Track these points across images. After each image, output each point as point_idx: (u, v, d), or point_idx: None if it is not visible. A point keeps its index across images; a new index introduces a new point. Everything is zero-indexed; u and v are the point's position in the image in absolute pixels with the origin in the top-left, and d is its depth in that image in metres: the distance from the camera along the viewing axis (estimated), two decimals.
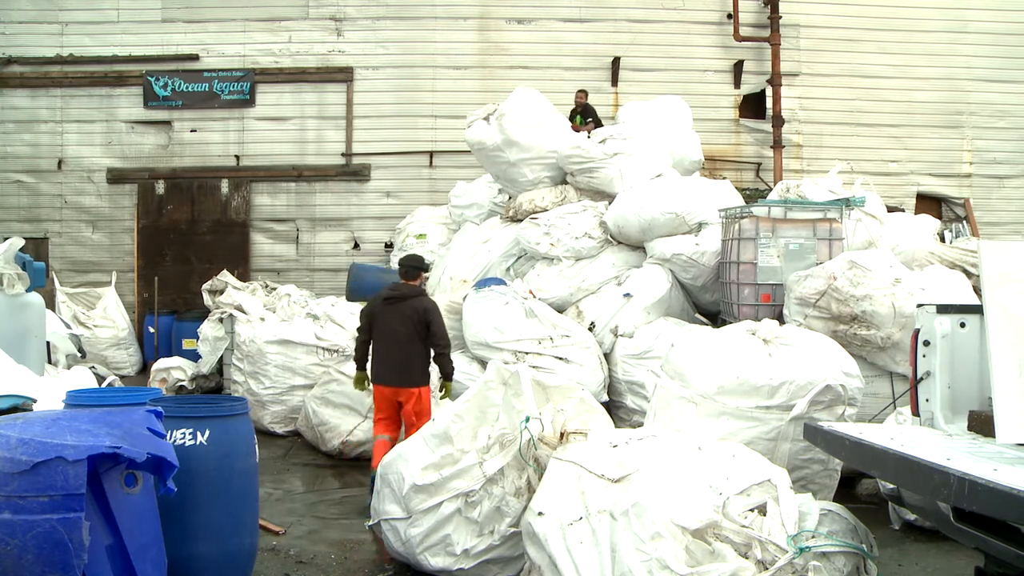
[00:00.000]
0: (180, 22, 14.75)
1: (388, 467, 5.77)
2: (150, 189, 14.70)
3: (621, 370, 9.30)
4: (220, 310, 11.11)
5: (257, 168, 14.57)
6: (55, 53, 14.84)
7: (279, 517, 6.87)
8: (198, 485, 4.77)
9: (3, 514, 3.73)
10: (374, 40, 14.64)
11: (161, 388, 10.18)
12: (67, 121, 14.85)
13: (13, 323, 7.55)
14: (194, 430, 4.87)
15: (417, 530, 5.38)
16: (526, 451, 5.21)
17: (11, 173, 14.85)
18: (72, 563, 3.74)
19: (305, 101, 14.66)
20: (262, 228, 14.56)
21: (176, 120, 14.81)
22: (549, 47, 14.58)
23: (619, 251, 10.43)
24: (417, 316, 7.39)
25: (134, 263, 14.61)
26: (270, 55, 14.66)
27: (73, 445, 3.76)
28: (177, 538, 4.60)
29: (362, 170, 14.45)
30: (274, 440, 9.49)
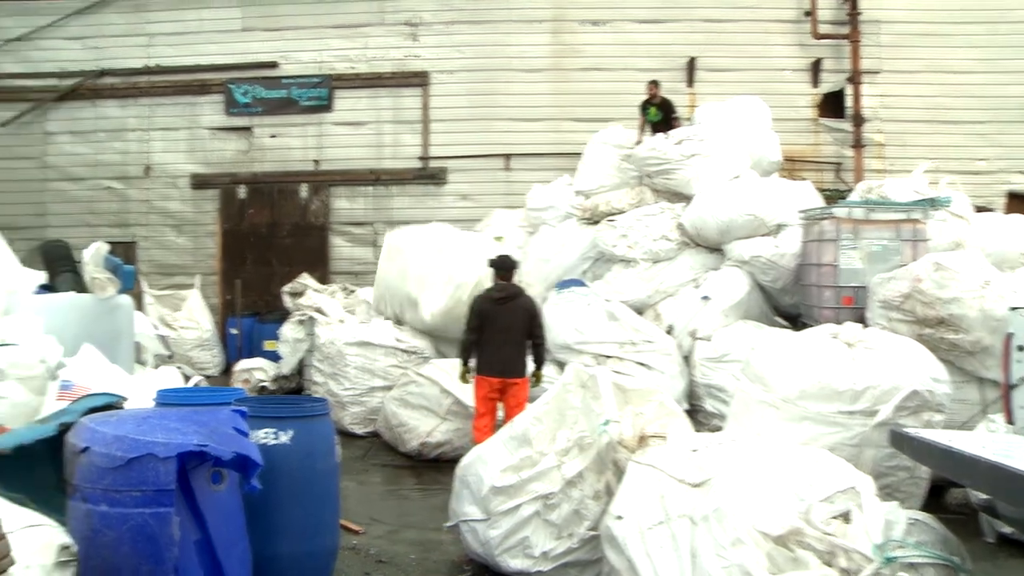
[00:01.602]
0: (259, 31, 15.04)
1: (467, 469, 5.79)
2: (232, 194, 15.01)
3: (700, 373, 9.21)
4: (300, 312, 11.30)
5: (335, 172, 14.77)
6: (143, 64, 15.28)
7: (359, 517, 6.92)
8: (281, 484, 4.84)
9: (100, 506, 3.86)
10: (449, 44, 14.73)
11: (244, 388, 10.37)
12: (154, 129, 15.28)
13: (105, 325, 7.76)
14: (277, 430, 4.95)
15: (496, 532, 5.39)
16: (605, 454, 5.18)
17: (102, 180, 15.33)
18: (163, 556, 3.84)
19: (381, 106, 14.81)
20: (341, 231, 14.75)
21: (256, 126, 15.10)
22: (623, 48, 14.48)
23: (697, 253, 10.34)
24: (526, 313, 8.05)
25: (217, 266, 14.93)
26: (347, 61, 14.85)
27: (163, 443, 3.86)
28: (261, 536, 4.66)
29: (439, 173, 14.56)
30: (353, 441, 9.59)
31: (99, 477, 3.90)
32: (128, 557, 3.84)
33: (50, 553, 3.62)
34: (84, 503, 3.95)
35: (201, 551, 4.07)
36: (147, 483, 3.84)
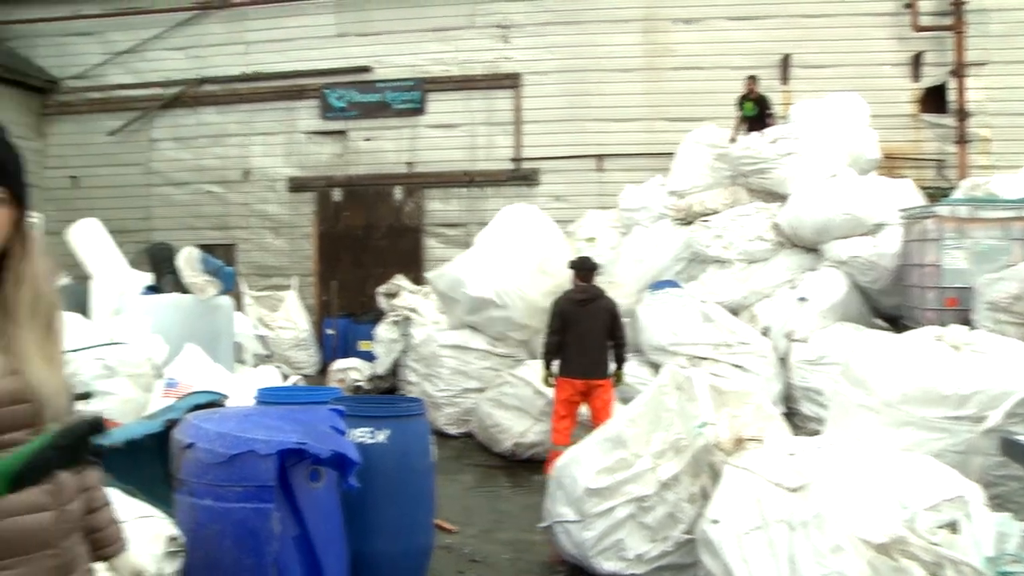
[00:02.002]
0: (353, 36, 15.26)
1: (562, 470, 5.79)
2: (327, 196, 15.28)
3: (796, 376, 9.04)
4: (395, 313, 11.45)
5: (429, 174, 14.92)
6: (241, 72, 15.67)
7: (453, 516, 6.97)
8: (377, 483, 4.90)
9: (205, 500, 3.97)
10: (540, 46, 14.71)
11: (340, 388, 10.56)
12: (252, 134, 15.65)
13: (206, 325, 7.98)
14: (373, 429, 5.01)
15: (590, 533, 5.37)
16: (701, 457, 5.12)
17: (204, 184, 15.78)
18: (264, 550, 3.93)
19: (474, 108, 14.88)
20: (434, 233, 14.89)
21: (351, 130, 15.33)
22: (716, 46, 14.27)
23: (793, 254, 10.15)
24: (607, 313, 8.09)
25: (313, 268, 15.23)
26: (439, 64, 14.97)
27: (264, 440, 3.95)
28: (357, 533, 4.73)
29: (531, 174, 14.57)
30: (447, 441, 9.65)
31: (203, 472, 4.01)
32: (231, 550, 3.94)
33: (160, 543, 3.74)
34: (189, 497, 4.06)
35: (300, 547, 4.15)
36: (248, 479, 3.93)
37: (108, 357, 6.51)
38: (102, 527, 2.22)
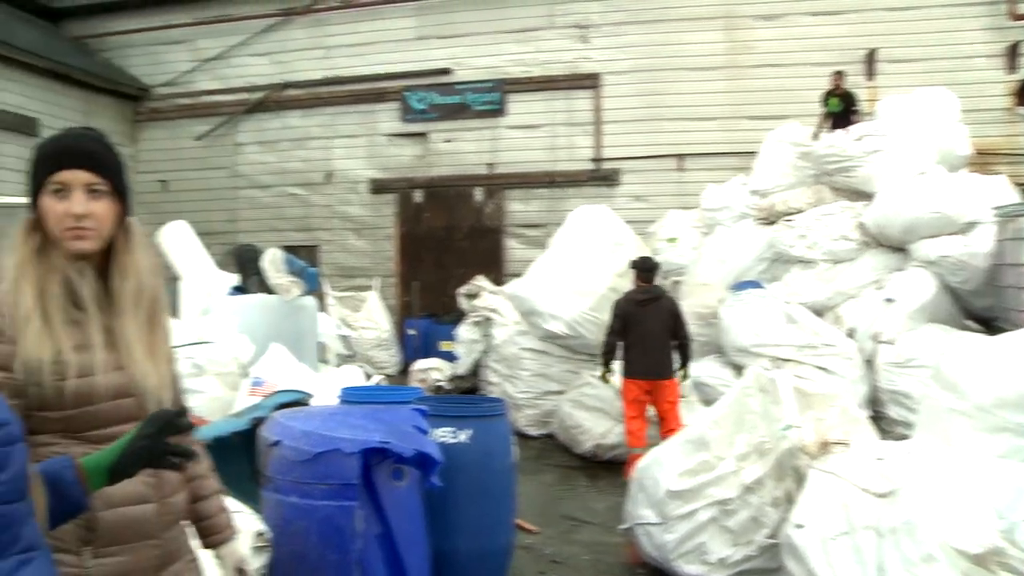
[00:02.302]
0: (433, 38, 15.37)
1: (644, 471, 5.75)
2: (409, 198, 15.42)
3: (883, 379, 8.82)
4: (476, 314, 11.50)
5: (509, 175, 14.94)
6: (323, 76, 15.91)
7: (533, 516, 6.98)
8: (459, 482, 4.93)
9: (291, 497, 4.04)
10: (619, 45, 14.61)
11: (422, 387, 10.65)
12: (334, 137, 15.88)
13: (291, 325, 8.10)
14: (456, 429, 5.04)
15: (672, 536, 5.32)
16: (785, 460, 5.03)
17: (287, 187, 16.08)
18: (348, 547, 3.98)
19: (554, 108, 14.86)
20: (515, 234, 14.91)
21: (432, 131, 15.44)
22: (798, 43, 13.97)
23: (879, 253, 9.90)
24: (669, 313, 8.21)
25: (395, 268, 15.38)
26: (519, 65, 14.98)
27: (348, 439, 4.00)
28: (439, 532, 4.76)
29: (612, 175, 14.50)
30: (527, 442, 9.66)
31: (289, 469, 4.08)
32: (316, 547, 4.00)
33: (248, 539, 3.81)
34: (276, 493, 4.14)
35: (383, 544, 4.19)
36: (333, 477, 3.98)
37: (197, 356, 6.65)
38: (210, 515, 2.28)
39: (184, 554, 2.15)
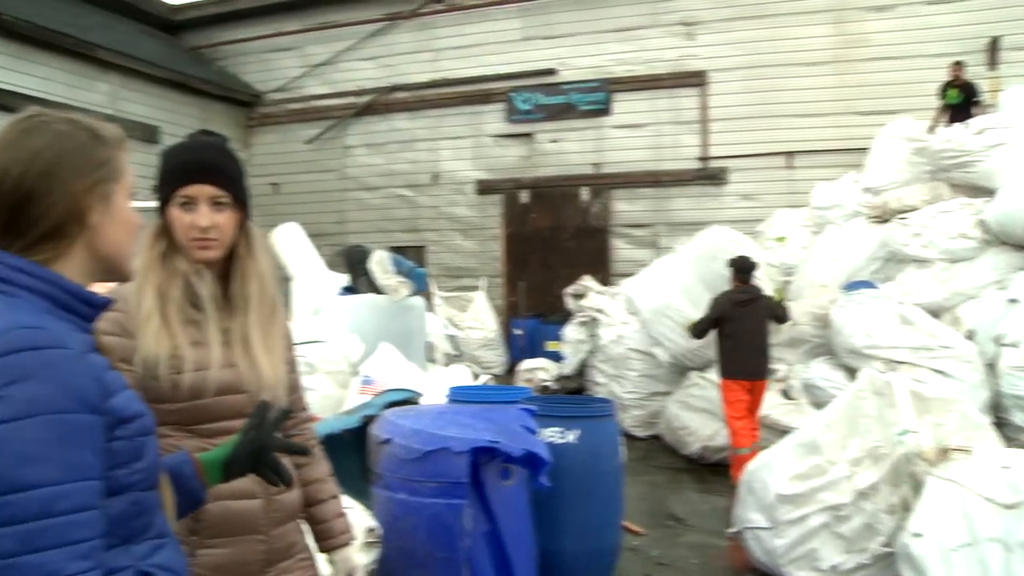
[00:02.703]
0: (538, 39, 15.38)
1: (753, 475, 5.65)
2: (515, 198, 15.49)
3: (1007, 383, 8.44)
4: (583, 314, 11.48)
5: (615, 175, 14.86)
6: (430, 78, 16.11)
7: (640, 518, 6.94)
8: (567, 482, 4.92)
9: (400, 494, 4.11)
10: (725, 42, 14.35)
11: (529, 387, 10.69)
12: (441, 138, 16.05)
13: (400, 324, 8.22)
14: (564, 429, 5.04)
15: (782, 541, 5.21)
16: (901, 466, 4.88)
17: (395, 188, 16.33)
18: (456, 545, 4.02)
19: (659, 107, 14.71)
20: (621, 233, 14.82)
21: (537, 132, 15.47)
22: (913, 34, 13.46)
23: (1001, 252, 9.50)
24: (767, 313, 8.30)
25: (501, 269, 15.46)
26: (623, 64, 14.88)
27: (458, 438, 4.04)
28: (546, 531, 4.77)
29: (719, 173, 14.28)
30: (634, 442, 9.59)
31: (399, 467, 4.14)
32: (424, 543, 4.05)
33: (359, 534, 3.89)
34: (386, 490, 4.20)
35: (490, 543, 4.22)
36: (442, 475, 4.03)
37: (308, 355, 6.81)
38: (326, 519, 2.31)
39: (296, 552, 2.19)
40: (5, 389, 1.25)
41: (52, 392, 1.27)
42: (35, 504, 1.22)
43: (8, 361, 1.27)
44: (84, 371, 1.34)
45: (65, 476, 1.26)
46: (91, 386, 1.33)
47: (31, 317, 1.34)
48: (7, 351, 1.28)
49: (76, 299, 1.43)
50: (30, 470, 1.23)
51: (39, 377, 1.27)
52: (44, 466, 1.24)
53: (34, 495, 1.23)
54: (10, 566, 1.21)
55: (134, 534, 1.42)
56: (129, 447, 1.40)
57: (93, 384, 1.34)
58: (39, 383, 1.27)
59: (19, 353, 1.28)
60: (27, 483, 1.23)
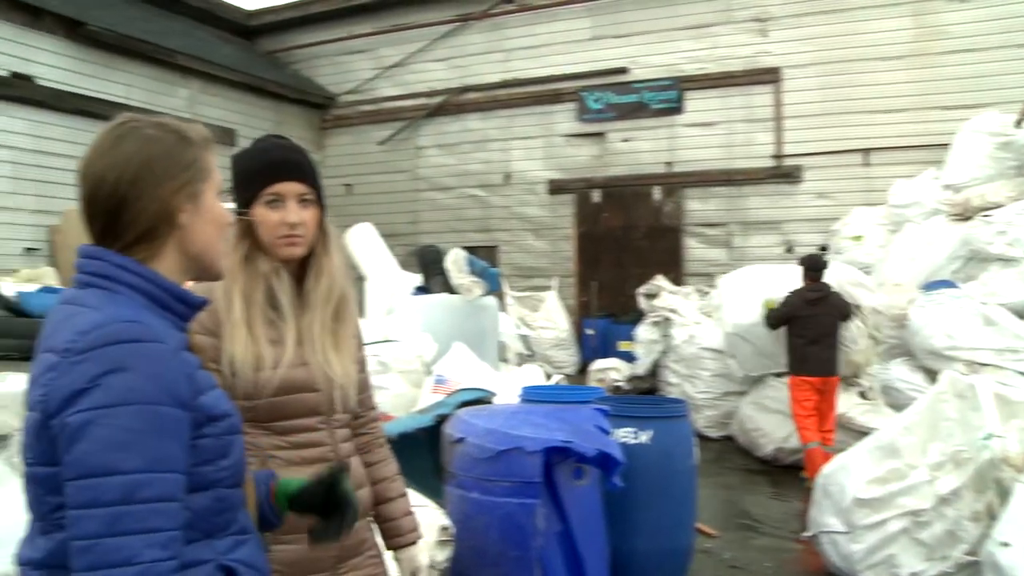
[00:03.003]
0: (609, 38, 15.32)
1: (829, 477, 5.56)
2: (586, 198, 15.45)
3: None
4: (655, 314, 11.43)
5: (687, 174, 14.73)
6: (501, 79, 16.16)
7: (713, 520, 6.89)
8: (639, 483, 4.90)
9: (473, 493, 4.13)
10: (800, 38, 14.11)
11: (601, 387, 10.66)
12: (512, 139, 16.08)
13: (473, 324, 8.26)
14: (637, 429, 5.03)
15: (859, 546, 5.11)
16: (986, 472, 4.73)
17: (467, 188, 16.41)
18: (528, 544, 4.03)
19: (732, 105, 14.54)
20: (694, 233, 14.69)
21: (609, 131, 15.41)
22: (997, 24, 12.99)
23: None
24: (839, 311, 8.27)
25: (573, 268, 15.45)
26: (695, 62, 14.75)
27: (531, 437, 4.05)
28: (619, 532, 4.76)
29: (793, 171, 14.05)
30: (706, 443, 9.52)
31: (472, 466, 4.17)
32: (496, 543, 4.07)
33: (433, 532, 3.92)
34: (458, 489, 4.24)
35: (563, 543, 4.22)
36: (515, 475, 4.04)
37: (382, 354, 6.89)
38: (394, 518, 2.36)
39: (366, 549, 2.24)
40: (103, 378, 1.31)
41: (146, 384, 1.34)
42: (118, 489, 1.28)
43: (107, 352, 1.33)
44: (178, 367, 1.40)
45: (149, 465, 1.31)
46: (183, 382, 1.39)
47: (131, 311, 1.41)
48: (107, 342, 1.34)
49: (173, 297, 1.50)
50: (117, 456, 1.29)
51: (135, 368, 1.34)
52: (131, 454, 1.30)
53: (118, 480, 1.28)
54: (92, 547, 1.27)
55: (217, 529, 1.48)
56: (216, 445, 1.46)
57: (185, 381, 1.40)
58: (135, 374, 1.33)
59: (118, 345, 1.34)
60: (113, 468, 1.29)
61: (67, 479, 1.30)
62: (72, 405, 1.31)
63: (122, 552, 1.27)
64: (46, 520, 1.40)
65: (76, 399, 1.31)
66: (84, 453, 1.29)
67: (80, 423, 1.30)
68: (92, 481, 1.28)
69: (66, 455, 1.31)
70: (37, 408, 1.37)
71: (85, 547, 1.27)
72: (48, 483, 1.38)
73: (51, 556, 1.39)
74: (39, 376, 1.38)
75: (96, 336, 1.35)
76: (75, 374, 1.32)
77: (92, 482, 1.28)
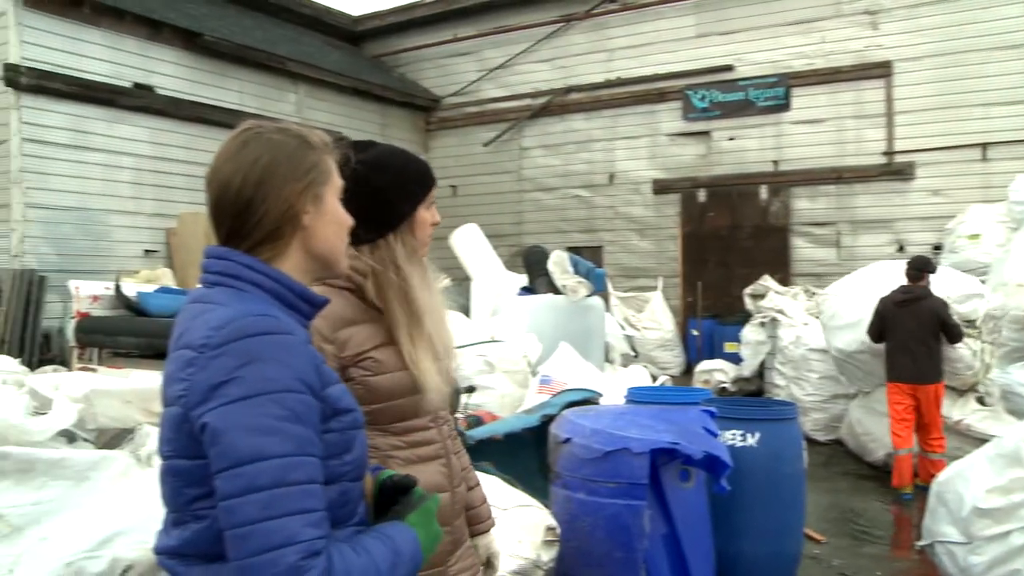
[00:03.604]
0: (714, 35, 15.14)
1: (945, 485, 5.37)
2: (691, 198, 15.31)
3: None
4: (761, 315, 11.27)
5: (794, 172, 14.46)
6: (604, 78, 16.13)
7: (820, 525, 6.77)
8: (746, 486, 4.86)
9: (579, 494, 4.16)
10: (913, 29, 13.67)
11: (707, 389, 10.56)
12: (616, 138, 16.03)
13: (578, 324, 8.30)
14: (744, 432, 4.98)
15: (979, 558, 4.91)
16: None
17: (572, 189, 16.43)
18: (634, 545, 4.04)
19: (841, 101, 14.20)
20: (801, 232, 14.41)
21: (714, 130, 15.23)
22: None
23: None
24: (932, 315, 7.78)
25: (678, 269, 15.31)
26: (803, 58, 14.45)
27: (638, 438, 4.06)
28: (725, 535, 4.73)
29: (905, 168, 13.64)
30: (814, 447, 9.33)
31: (578, 467, 4.19)
32: (602, 543, 4.09)
33: (539, 532, 3.96)
34: (564, 489, 4.27)
35: (668, 545, 4.22)
36: (621, 476, 4.06)
37: (488, 354, 6.97)
38: (474, 505, 2.41)
39: (465, 539, 2.30)
40: (240, 370, 1.39)
41: (281, 372, 1.41)
42: (270, 473, 1.34)
43: (242, 344, 1.41)
44: (308, 357, 1.48)
45: (296, 449, 1.38)
46: (313, 372, 1.47)
47: (260, 306, 1.49)
48: (241, 335, 1.42)
49: (297, 296, 1.58)
50: (264, 442, 1.36)
51: (269, 359, 1.41)
52: (277, 439, 1.36)
53: (268, 465, 1.35)
54: (252, 532, 1.33)
55: (339, 520, 1.53)
56: (340, 439, 1.53)
57: (314, 371, 1.47)
58: (270, 364, 1.40)
59: (252, 337, 1.42)
60: (262, 454, 1.35)
61: (217, 471, 1.37)
62: (213, 398, 1.38)
63: (283, 532, 1.32)
64: (182, 511, 1.48)
65: (217, 392, 1.38)
66: (232, 443, 1.35)
67: (223, 415, 1.37)
68: (244, 469, 1.34)
69: (213, 448, 1.37)
70: (177, 403, 1.44)
71: (244, 534, 1.33)
72: (187, 475, 1.46)
73: (185, 545, 1.48)
74: (176, 372, 1.46)
75: (230, 330, 1.42)
76: (213, 368, 1.40)
77: (244, 469, 1.34)
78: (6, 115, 11.11)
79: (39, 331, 10.68)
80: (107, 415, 3.63)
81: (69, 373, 5.14)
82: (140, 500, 2.94)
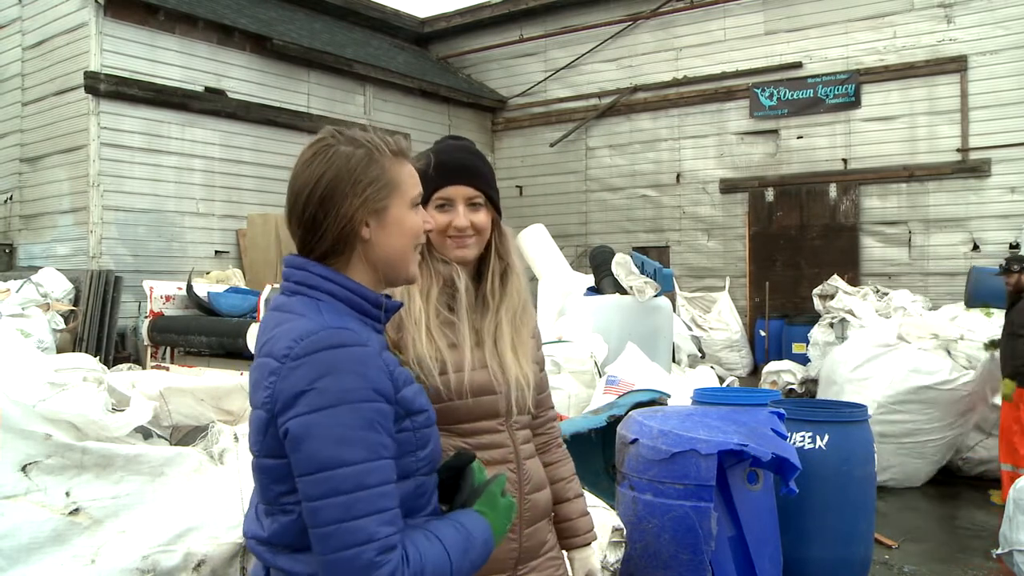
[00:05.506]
0: (782, 32, 14.97)
1: (1022, 491, 5.29)
2: (760, 197, 15.15)
3: None
4: (830, 315, 11.13)
5: (865, 170, 14.22)
6: (671, 77, 16.05)
7: (890, 530, 6.68)
8: (815, 489, 4.82)
9: (645, 495, 4.16)
10: (990, 22, 13.32)
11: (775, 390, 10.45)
12: (683, 137, 15.95)
13: (645, 325, 8.25)
14: (813, 434, 4.95)
15: None
16: None
17: (638, 188, 16.37)
18: (700, 547, 4.03)
19: (913, 97, 13.93)
20: (871, 231, 14.16)
21: (782, 128, 15.06)
22: None
23: None
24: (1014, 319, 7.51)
25: (745, 269, 15.17)
26: (874, 53, 14.21)
27: (705, 440, 4.05)
28: (792, 538, 4.69)
29: (980, 166, 13.33)
30: None
31: (645, 468, 4.19)
32: (668, 544, 4.09)
33: (605, 533, 3.96)
34: (631, 490, 4.27)
35: (734, 547, 4.20)
36: (688, 477, 4.05)
37: (555, 354, 6.99)
38: (570, 518, 2.35)
39: (546, 551, 2.22)
40: (319, 381, 1.49)
41: (357, 383, 1.51)
42: (351, 479, 1.46)
43: (320, 357, 1.51)
44: (381, 366, 1.57)
45: (371, 455, 1.49)
46: (386, 380, 1.56)
47: (337, 318, 1.59)
48: (319, 347, 1.52)
49: (368, 303, 1.67)
50: (345, 450, 1.47)
51: (346, 370, 1.51)
52: (355, 447, 1.48)
53: (350, 471, 1.47)
54: (334, 532, 1.45)
55: (415, 511, 1.64)
56: (415, 438, 1.63)
57: (387, 378, 1.57)
58: (346, 375, 1.51)
59: (329, 350, 1.52)
60: (344, 461, 1.47)
61: (301, 475, 1.49)
62: (294, 406, 1.49)
63: (363, 532, 1.45)
64: (272, 504, 1.61)
65: (297, 400, 1.49)
66: (314, 451, 1.47)
67: (304, 424, 1.48)
68: (326, 474, 1.46)
69: (295, 453, 1.49)
70: (263, 408, 1.56)
71: (328, 533, 1.46)
72: (273, 473, 1.58)
73: (274, 536, 1.61)
74: (261, 379, 1.57)
75: (310, 343, 1.51)
76: (295, 378, 1.50)
77: (326, 475, 1.46)
78: (85, 121, 11.48)
79: (115, 330, 11.02)
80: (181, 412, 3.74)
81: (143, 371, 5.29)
82: (212, 496, 3.02)
